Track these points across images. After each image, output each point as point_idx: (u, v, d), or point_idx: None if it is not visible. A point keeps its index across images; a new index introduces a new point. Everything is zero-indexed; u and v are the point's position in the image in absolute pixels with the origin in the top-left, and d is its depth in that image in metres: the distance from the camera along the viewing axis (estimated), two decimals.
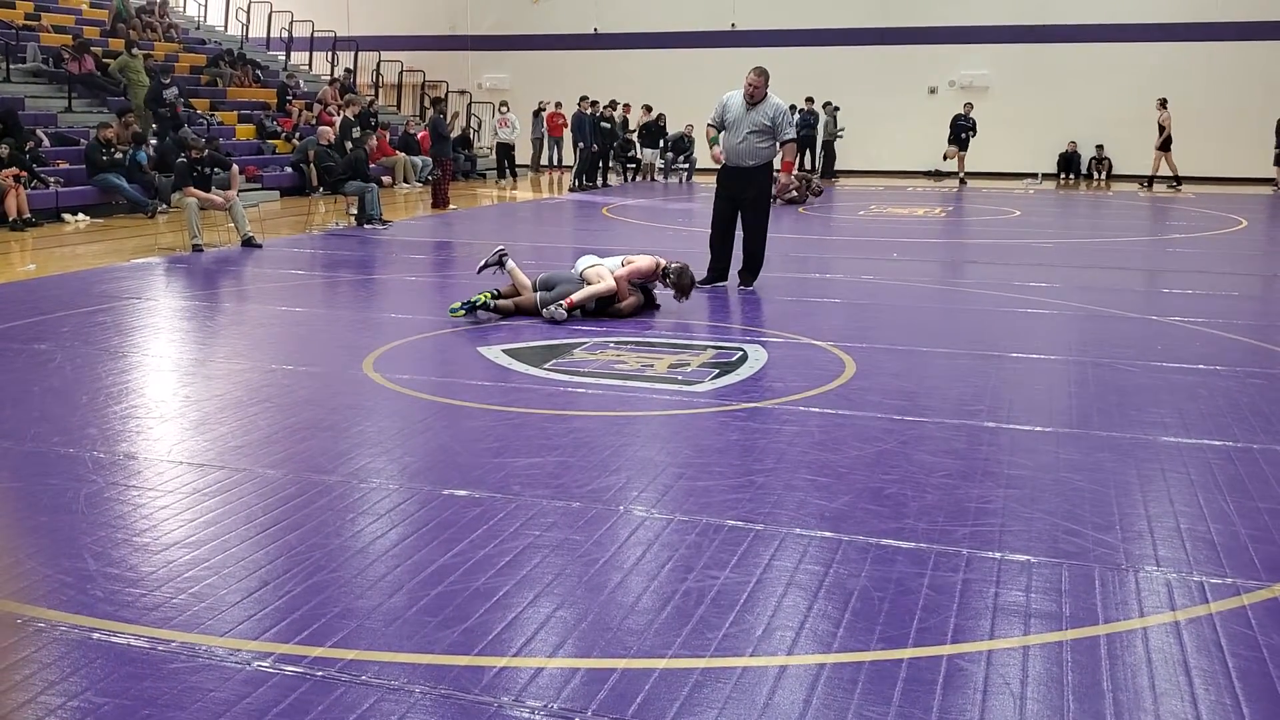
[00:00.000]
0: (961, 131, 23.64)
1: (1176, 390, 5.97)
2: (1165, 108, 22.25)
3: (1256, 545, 3.82)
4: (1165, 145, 22.40)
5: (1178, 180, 22.54)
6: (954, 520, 4.03)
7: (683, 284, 8.08)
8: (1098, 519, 4.05)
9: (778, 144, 9.28)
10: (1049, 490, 4.36)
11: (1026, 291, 9.40)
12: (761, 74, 9.21)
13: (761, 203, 9.39)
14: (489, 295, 7.93)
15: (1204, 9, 24.23)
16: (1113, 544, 3.82)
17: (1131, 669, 2.97)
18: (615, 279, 7.94)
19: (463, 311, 7.81)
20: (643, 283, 8.20)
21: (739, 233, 9.52)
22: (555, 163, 25.55)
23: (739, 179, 9.31)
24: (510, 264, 8.22)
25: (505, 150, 24.17)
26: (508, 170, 24.22)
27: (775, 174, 9.70)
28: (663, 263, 8.15)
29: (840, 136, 25.69)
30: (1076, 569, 3.60)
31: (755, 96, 9.13)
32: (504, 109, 24.71)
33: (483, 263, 8.34)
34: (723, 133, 9.35)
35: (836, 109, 25.44)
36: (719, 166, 9.42)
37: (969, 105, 23.89)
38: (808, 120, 24.45)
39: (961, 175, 23.88)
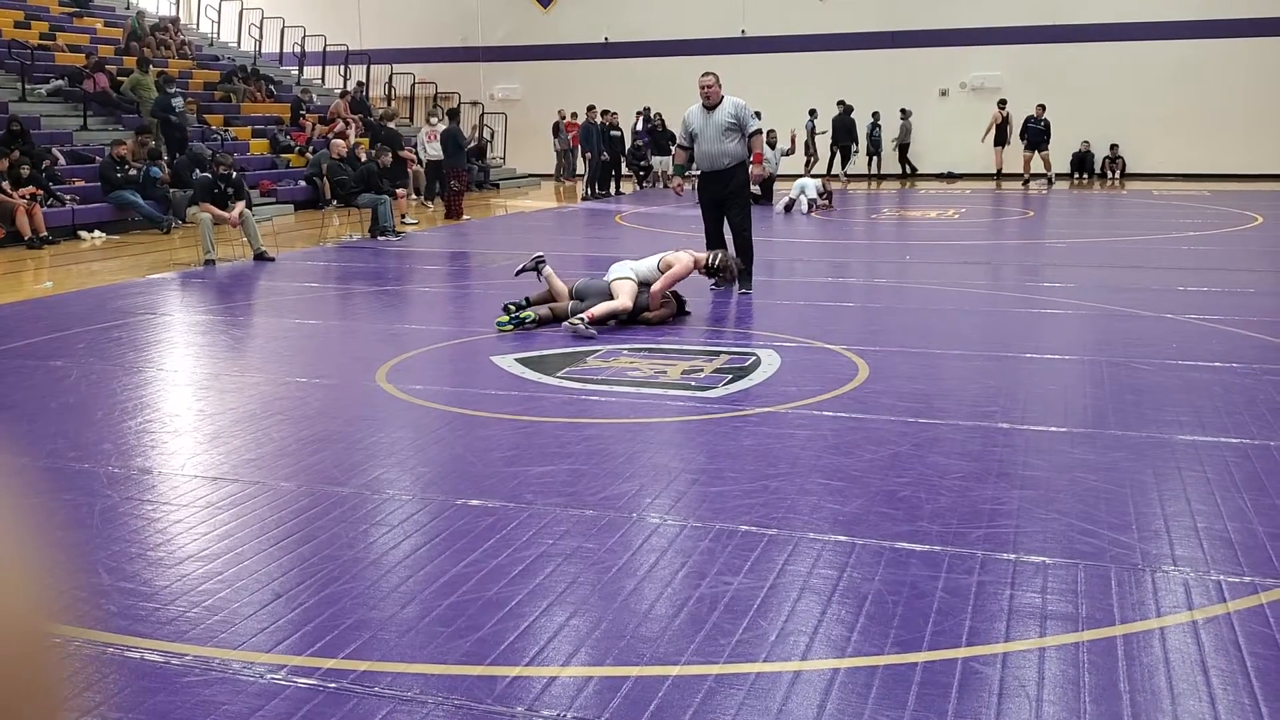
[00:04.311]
0: (1039, 134, 23.46)
1: (1193, 388, 5.93)
2: (1002, 108, 23.85)
3: (1275, 543, 3.78)
4: (999, 141, 23.93)
5: (997, 174, 23.99)
6: (968, 522, 4.00)
7: (727, 267, 8.56)
8: (1114, 519, 4.02)
9: (745, 139, 9.43)
10: (1064, 491, 4.33)
11: (1041, 292, 9.36)
12: (712, 75, 9.49)
13: (741, 199, 9.58)
14: (530, 312, 7.90)
15: (1217, 5, 24.09)
16: (1129, 544, 3.80)
17: (1149, 670, 2.95)
18: (651, 292, 7.98)
19: (511, 326, 7.79)
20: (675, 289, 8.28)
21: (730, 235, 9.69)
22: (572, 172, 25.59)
23: (718, 181, 9.52)
24: (547, 270, 8.27)
25: (436, 168, 19.29)
26: (437, 189, 19.49)
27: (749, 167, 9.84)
28: (701, 259, 8.44)
29: (823, 133, 25.53)
30: (1092, 570, 3.57)
31: (712, 98, 9.36)
32: (432, 120, 19.81)
33: (520, 266, 8.45)
34: (694, 148, 9.59)
35: (908, 112, 25.44)
36: (698, 174, 9.66)
37: (1041, 107, 23.52)
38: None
39: (1051, 176, 23.69)
